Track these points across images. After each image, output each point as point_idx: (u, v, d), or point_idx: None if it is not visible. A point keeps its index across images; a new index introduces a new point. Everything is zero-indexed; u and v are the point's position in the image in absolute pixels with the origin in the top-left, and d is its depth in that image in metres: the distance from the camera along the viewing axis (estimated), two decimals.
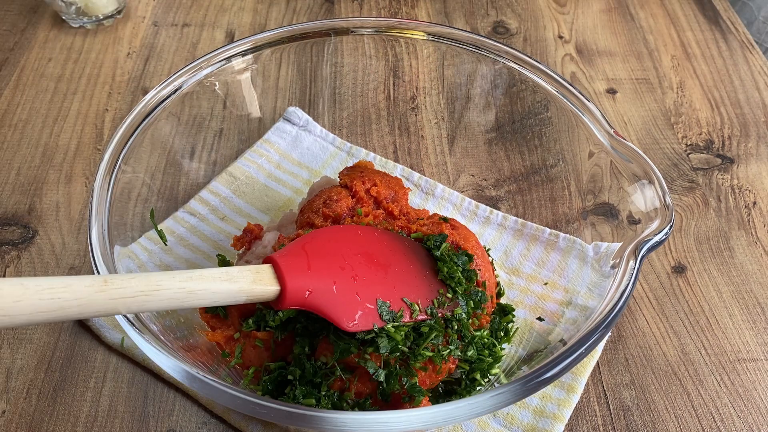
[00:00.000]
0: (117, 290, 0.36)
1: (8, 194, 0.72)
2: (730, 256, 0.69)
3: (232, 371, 0.52)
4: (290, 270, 0.44)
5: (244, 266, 0.43)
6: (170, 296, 0.38)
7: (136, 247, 0.55)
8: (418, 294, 0.51)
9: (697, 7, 1.01)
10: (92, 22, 0.92)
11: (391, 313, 0.48)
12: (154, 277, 0.38)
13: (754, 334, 0.63)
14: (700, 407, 0.58)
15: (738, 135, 0.82)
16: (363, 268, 0.49)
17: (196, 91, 0.60)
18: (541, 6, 1.01)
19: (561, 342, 0.50)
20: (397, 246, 0.53)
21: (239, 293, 0.42)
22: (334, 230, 0.52)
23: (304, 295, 0.44)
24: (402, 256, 0.52)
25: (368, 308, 0.47)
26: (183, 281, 0.39)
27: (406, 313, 0.49)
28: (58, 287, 0.34)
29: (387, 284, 0.49)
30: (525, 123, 0.69)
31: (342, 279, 0.47)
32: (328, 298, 0.46)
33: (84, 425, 0.56)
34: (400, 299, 0.49)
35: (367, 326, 0.47)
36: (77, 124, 0.80)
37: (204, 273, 0.41)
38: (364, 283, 0.48)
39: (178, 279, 0.39)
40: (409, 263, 0.52)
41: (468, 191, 0.73)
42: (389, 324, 0.47)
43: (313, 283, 0.45)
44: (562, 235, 0.65)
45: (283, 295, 0.43)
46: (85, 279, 0.35)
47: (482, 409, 0.39)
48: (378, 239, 0.53)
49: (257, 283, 0.43)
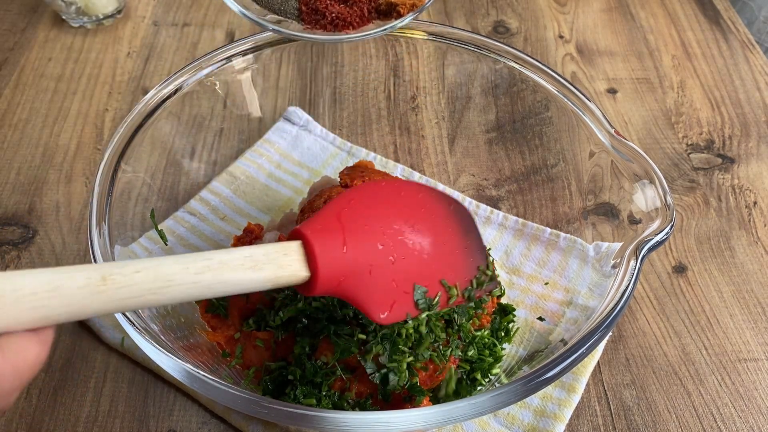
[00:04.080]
0: (118, 290, 0.30)
1: (8, 194, 0.72)
2: (730, 255, 0.69)
3: (232, 371, 0.52)
4: (324, 252, 0.38)
5: (270, 246, 0.37)
6: (183, 293, 0.33)
7: (136, 247, 0.55)
8: (458, 272, 0.46)
9: (698, 6, 1.01)
10: (92, 22, 0.92)
11: (427, 301, 0.44)
12: (163, 269, 0.32)
13: (754, 333, 0.63)
14: (700, 407, 0.58)
15: (738, 135, 0.82)
16: (402, 245, 0.43)
17: (197, 91, 0.60)
18: (542, 6, 1.01)
19: (562, 342, 0.50)
20: (441, 209, 0.47)
21: (264, 282, 0.36)
22: (374, 189, 0.45)
23: (338, 282, 0.39)
24: (445, 223, 0.47)
25: (404, 296, 0.42)
26: (198, 273, 0.33)
27: (443, 299, 0.45)
28: (42, 293, 0.28)
29: (426, 263, 0.44)
30: (525, 123, 0.69)
31: (379, 261, 0.41)
32: (363, 285, 0.40)
33: (84, 425, 0.56)
34: (438, 282, 0.44)
35: (401, 317, 0.43)
36: (77, 123, 0.80)
37: (224, 258, 0.35)
38: (403, 264, 0.43)
39: (192, 271, 0.33)
40: (452, 232, 0.47)
41: (468, 191, 0.73)
42: (424, 313, 0.43)
43: (349, 267, 0.39)
44: (563, 235, 0.65)
45: (313, 282, 0.38)
46: (77, 276, 0.29)
47: (483, 409, 0.39)
48: (421, 201, 0.46)
49: (285, 269, 0.37)
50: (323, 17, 0.50)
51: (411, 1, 0.51)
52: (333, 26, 0.51)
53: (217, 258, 0.34)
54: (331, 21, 0.50)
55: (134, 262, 0.32)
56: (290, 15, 0.51)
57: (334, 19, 0.50)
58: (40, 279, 0.28)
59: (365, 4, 0.50)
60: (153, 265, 0.32)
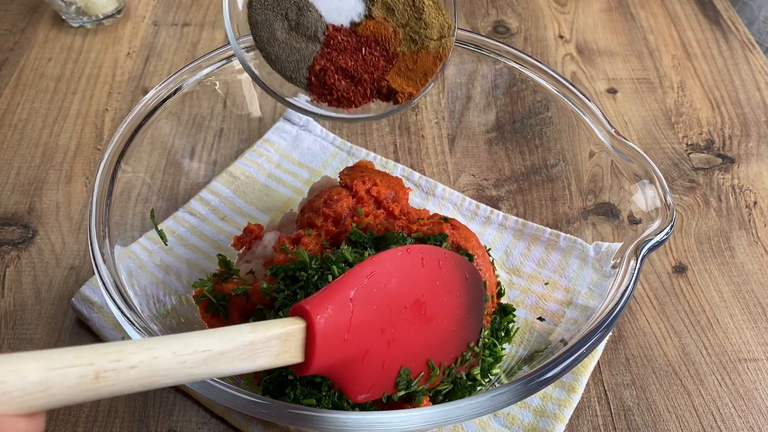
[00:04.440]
0: (109, 386, 0.29)
1: (8, 194, 0.72)
2: (730, 255, 0.69)
3: None
4: (325, 341, 0.37)
5: (272, 334, 0.35)
6: (173, 383, 0.32)
7: (136, 246, 0.55)
8: (448, 352, 0.46)
9: (698, 6, 1.01)
10: (92, 22, 0.92)
11: (407, 381, 0.44)
12: (159, 364, 0.31)
13: (754, 333, 0.63)
14: (700, 407, 0.58)
15: (738, 135, 0.82)
16: (404, 327, 0.42)
17: (197, 91, 0.60)
18: (542, 6, 1.01)
19: (562, 342, 0.50)
20: (456, 281, 0.46)
21: (254, 369, 0.35)
22: (396, 260, 0.43)
23: (328, 368, 0.38)
24: (456, 298, 0.46)
25: (387, 378, 0.42)
26: (194, 366, 0.32)
27: (423, 379, 0.44)
28: (32, 393, 0.27)
29: (421, 344, 0.43)
30: (525, 123, 0.69)
31: (376, 346, 0.40)
32: (352, 370, 0.40)
33: (84, 425, 0.56)
34: (425, 362, 0.44)
35: (377, 396, 0.42)
36: (77, 123, 0.80)
37: (225, 349, 0.33)
38: (398, 347, 0.42)
39: (189, 365, 0.32)
40: (458, 308, 0.46)
41: (468, 191, 0.73)
42: (401, 392, 0.43)
43: (345, 355, 0.39)
44: (563, 235, 0.65)
45: (306, 367, 0.37)
46: (70, 375, 0.28)
47: (483, 409, 0.39)
48: (440, 273, 0.45)
49: (280, 357, 0.36)
50: (330, 93, 0.52)
51: (408, 90, 0.53)
52: (338, 102, 0.52)
53: (218, 349, 0.33)
54: (337, 98, 0.52)
55: (130, 352, 0.30)
56: (300, 84, 0.52)
57: (339, 96, 0.52)
58: (30, 379, 0.27)
59: (368, 84, 0.52)
60: (149, 359, 0.31)
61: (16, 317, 0.62)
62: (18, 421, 0.28)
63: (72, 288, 0.64)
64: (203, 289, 0.53)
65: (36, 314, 0.62)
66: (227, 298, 0.52)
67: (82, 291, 0.61)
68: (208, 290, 0.53)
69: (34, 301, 0.63)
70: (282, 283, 0.50)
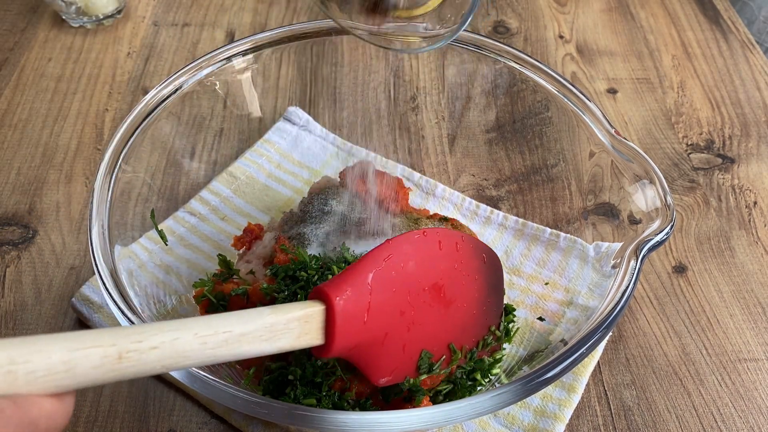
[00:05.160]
0: (131, 367, 0.30)
1: (8, 194, 0.72)
2: (730, 255, 0.69)
3: (232, 371, 0.52)
4: (345, 322, 0.37)
5: (293, 311, 0.36)
6: (194, 364, 0.33)
7: (136, 246, 0.55)
8: (469, 335, 0.46)
9: (698, 6, 1.01)
10: (92, 22, 0.92)
11: (429, 365, 0.44)
12: (180, 345, 0.31)
13: (755, 334, 0.63)
14: (701, 407, 0.58)
15: (739, 135, 0.82)
16: (424, 310, 0.42)
17: (197, 91, 0.60)
18: (542, 6, 1.01)
19: (562, 342, 0.50)
20: (476, 263, 0.46)
21: (275, 351, 0.36)
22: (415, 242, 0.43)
23: (349, 349, 0.39)
24: (476, 281, 0.46)
25: (409, 361, 0.42)
26: (216, 347, 0.32)
27: (445, 362, 0.44)
28: (56, 374, 0.28)
29: (441, 328, 0.43)
30: (525, 123, 0.69)
31: (396, 329, 0.40)
32: (372, 353, 0.40)
33: (84, 425, 0.55)
34: (446, 345, 0.44)
35: (399, 380, 0.42)
36: (77, 123, 0.80)
37: (245, 330, 0.33)
38: (418, 330, 0.42)
39: (210, 346, 0.32)
40: (478, 291, 0.46)
41: (468, 191, 0.73)
42: (422, 375, 0.43)
43: (365, 337, 0.39)
44: (563, 235, 0.65)
45: (326, 349, 0.38)
46: (93, 355, 0.29)
47: (483, 409, 0.39)
48: (459, 256, 0.45)
49: (301, 339, 0.36)
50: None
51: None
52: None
53: (239, 330, 0.33)
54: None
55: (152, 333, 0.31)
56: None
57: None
58: (54, 359, 0.28)
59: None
60: (170, 340, 0.31)
61: (16, 317, 0.62)
62: (45, 402, 0.28)
63: (72, 288, 0.64)
64: (203, 289, 0.53)
65: (36, 314, 0.62)
66: (227, 298, 0.52)
67: (82, 291, 0.61)
68: (208, 290, 0.53)
69: (34, 301, 0.63)
70: (282, 283, 0.50)
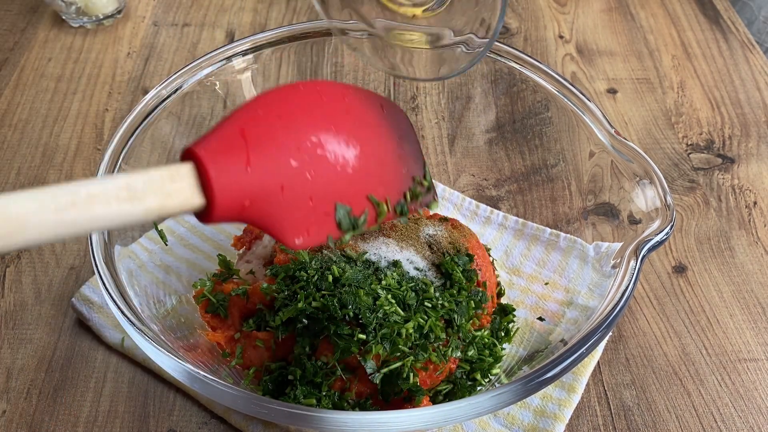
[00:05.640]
0: None
1: None
2: (730, 255, 0.69)
3: (232, 371, 0.52)
4: (221, 174, 0.33)
5: (153, 171, 0.32)
6: (44, 234, 0.28)
7: (136, 246, 0.55)
8: (389, 185, 0.42)
9: (698, 6, 1.01)
10: (92, 22, 0.92)
11: (352, 220, 0.40)
12: (14, 208, 0.27)
13: (754, 334, 0.63)
14: (700, 407, 0.58)
15: (738, 135, 0.82)
16: (322, 160, 0.38)
17: (197, 91, 0.60)
18: (542, 6, 1.01)
19: (562, 342, 0.50)
20: (371, 115, 0.42)
21: (147, 214, 0.31)
22: (287, 94, 0.39)
23: (241, 207, 0.35)
24: (376, 130, 0.42)
25: (324, 217, 0.38)
26: (61, 210, 0.28)
27: (371, 216, 0.41)
28: None
29: (351, 178, 0.39)
30: (525, 123, 0.69)
31: (293, 177, 0.36)
32: (273, 208, 0.36)
33: (84, 425, 0.56)
34: (365, 197, 0.40)
35: (320, 240, 0.39)
36: (77, 124, 0.80)
37: (94, 191, 0.29)
38: (322, 180, 0.38)
39: (53, 208, 0.28)
40: (384, 140, 0.42)
41: (468, 191, 0.73)
42: (348, 233, 0.39)
43: (254, 188, 0.35)
44: (563, 235, 0.65)
45: (210, 209, 0.33)
46: None
47: (483, 409, 0.39)
48: (347, 107, 0.41)
49: (173, 197, 0.32)
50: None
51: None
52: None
53: (85, 190, 0.29)
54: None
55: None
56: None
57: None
58: None
59: None
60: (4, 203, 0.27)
61: (16, 317, 0.62)
62: None
63: (72, 288, 0.64)
64: (203, 289, 0.53)
65: (36, 314, 0.62)
66: (227, 298, 0.52)
67: (82, 291, 0.61)
68: (208, 290, 0.53)
69: (34, 301, 0.63)
70: (282, 283, 0.50)
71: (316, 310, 0.47)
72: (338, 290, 0.48)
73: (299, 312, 0.48)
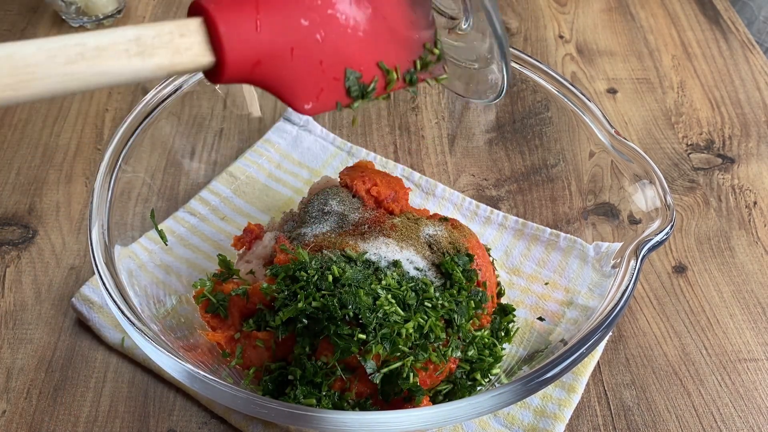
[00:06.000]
0: None
1: (8, 194, 0.72)
2: (730, 255, 0.69)
3: (232, 371, 0.52)
4: (231, 30, 0.32)
5: (162, 25, 0.31)
6: (51, 87, 0.28)
7: (136, 246, 0.55)
8: (400, 52, 0.40)
9: (698, 6, 1.01)
10: (92, 22, 0.92)
11: (361, 87, 0.39)
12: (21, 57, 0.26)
13: (754, 334, 0.63)
14: (700, 407, 0.58)
15: (738, 135, 0.82)
16: (332, 20, 0.36)
17: (197, 91, 0.60)
18: (542, 6, 1.01)
19: (562, 342, 0.50)
20: None
21: (157, 70, 0.31)
22: None
23: (251, 66, 0.34)
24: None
25: (333, 82, 0.37)
26: (70, 63, 0.28)
27: (380, 84, 0.39)
28: None
29: (362, 42, 0.38)
30: (525, 123, 0.69)
31: (303, 39, 0.35)
32: (282, 69, 0.35)
33: (84, 425, 0.56)
34: (375, 64, 0.39)
35: (329, 106, 0.38)
36: (77, 124, 0.80)
37: (102, 43, 0.29)
38: (332, 43, 0.36)
39: (61, 60, 0.27)
40: (396, 2, 0.40)
41: (468, 191, 0.73)
42: (357, 101, 0.39)
43: (264, 48, 0.34)
44: (563, 235, 0.65)
45: (220, 67, 0.33)
46: None
47: (483, 409, 0.39)
48: None
49: (183, 53, 0.31)
50: None
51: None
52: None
53: (93, 42, 0.29)
54: None
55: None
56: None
57: None
58: None
59: None
60: (5, 54, 0.26)
61: (16, 317, 0.62)
62: None
63: (72, 288, 0.64)
64: (203, 289, 0.53)
65: (36, 314, 0.62)
66: (227, 298, 0.52)
67: (82, 291, 0.61)
68: (208, 290, 0.53)
69: (34, 301, 0.63)
70: (282, 283, 0.50)
71: (316, 310, 0.47)
72: (338, 290, 0.48)
73: (299, 312, 0.48)
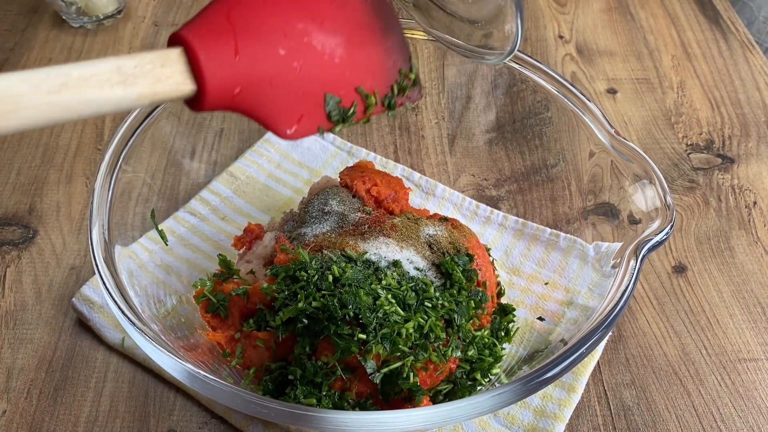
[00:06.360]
0: None
1: (8, 194, 0.72)
2: (730, 255, 0.69)
3: (233, 371, 0.52)
4: (211, 59, 0.33)
5: (143, 55, 0.32)
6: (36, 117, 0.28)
7: (136, 246, 0.55)
8: (377, 77, 0.42)
9: (698, 6, 1.01)
10: (92, 22, 0.92)
11: (341, 111, 0.40)
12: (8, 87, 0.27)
13: (754, 333, 0.63)
14: (700, 407, 0.58)
15: (738, 135, 0.82)
16: (309, 48, 0.38)
17: None
18: (542, 6, 1.01)
19: (562, 342, 0.50)
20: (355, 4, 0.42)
21: (139, 99, 0.32)
22: None
23: (232, 94, 0.35)
24: (361, 20, 0.42)
25: (314, 108, 0.39)
26: (53, 92, 0.28)
27: (360, 108, 0.41)
28: None
29: (339, 68, 0.40)
30: (525, 123, 0.69)
31: (281, 68, 0.37)
32: (263, 96, 0.36)
33: (85, 425, 0.56)
34: (353, 89, 0.41)
35: (311, 131, 0.39)
36: (77, 124, 0.80)
37: (85, 73, 0.30)
38: (310, 70, 0.38)
39: (45, 89, 0.28)
40: (369, 31, 0.42)
41: (468, 191, 0.73)
42: (338, 125, 0.40)
43: (244, 75, 0.35)
44: (563, 235, 0.65)
45: (201, 95, 0.34)
46: None
47: (483, 409, 0.39)
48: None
49: (164, 82, 0.32)
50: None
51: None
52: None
53: (76, 73, 0.29)
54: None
55: None
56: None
57: None
58: None
59: None
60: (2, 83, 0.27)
61: (17, 317, 0.62)
62: None
63: (72, 288, 0.64)
64: (203, 289, 0.53)
65: (36, 314, 0.62)
66: (227, 298, 0.52)
67: (83, 291, 0.61)
68: (209, 290, 0.53)
69: (35, 301, 0.63)
70: (282, 283, 0.50)
71: (316, 310, 0.47)
72: (338, 290, 0.48)
73: (299, 312, 0.48)
